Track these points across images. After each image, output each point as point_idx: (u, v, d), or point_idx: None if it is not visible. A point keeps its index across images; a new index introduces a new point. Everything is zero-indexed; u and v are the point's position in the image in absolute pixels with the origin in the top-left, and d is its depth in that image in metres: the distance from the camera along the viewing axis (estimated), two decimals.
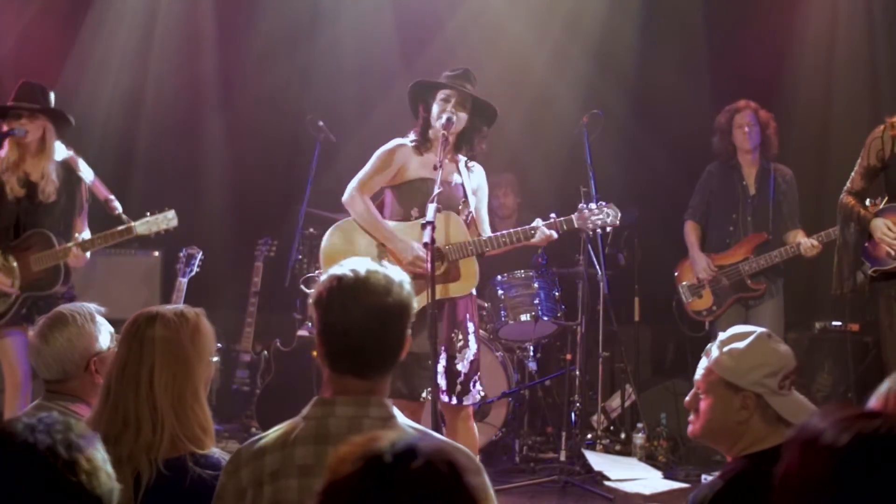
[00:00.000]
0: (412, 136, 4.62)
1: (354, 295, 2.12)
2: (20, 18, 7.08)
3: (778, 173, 5.88)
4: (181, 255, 5.93)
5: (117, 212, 5.12)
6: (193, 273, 5.81)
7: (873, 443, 1.40)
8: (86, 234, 5.07)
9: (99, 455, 1.58)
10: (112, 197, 5.17)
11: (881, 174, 4.87)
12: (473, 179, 4.65)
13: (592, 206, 4.60)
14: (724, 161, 6.00)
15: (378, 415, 2.14)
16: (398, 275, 2.20)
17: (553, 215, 4.54)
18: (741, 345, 2.49)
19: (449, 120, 4.43)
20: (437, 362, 4.06)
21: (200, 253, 5.85)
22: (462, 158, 4.62)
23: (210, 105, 7.59)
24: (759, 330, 2.53)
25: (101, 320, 2.97)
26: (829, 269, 5.88)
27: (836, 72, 6.90)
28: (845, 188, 4.97)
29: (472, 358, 4.45)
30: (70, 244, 4.95)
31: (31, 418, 1.62)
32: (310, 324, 6.45)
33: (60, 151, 5.11)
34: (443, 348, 4.36)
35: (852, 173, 4.93)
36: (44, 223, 5.02)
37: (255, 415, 6.07)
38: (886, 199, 4.85)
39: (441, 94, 4.53)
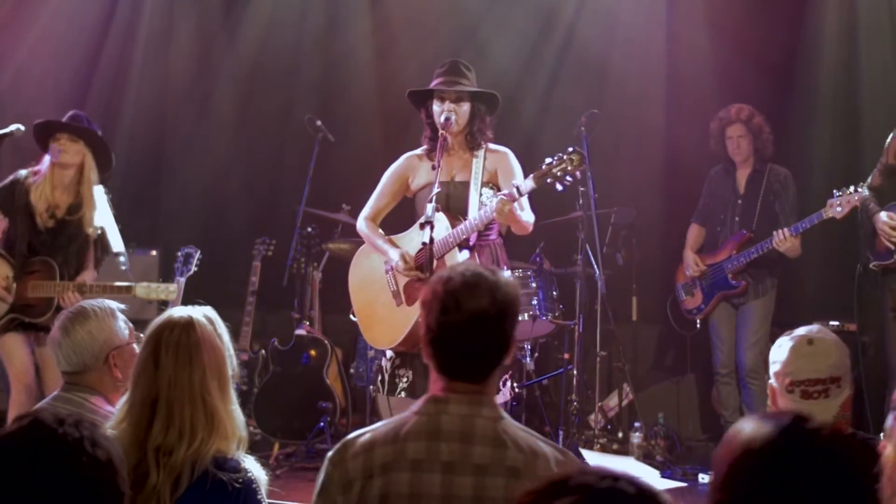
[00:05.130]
0: (423, 144, 4.63)
1: (459, 299, 2.11)
2: (21, 43, 7.09)
3: (771, 174, 5.92)
4: (179, 254, 5.92)
5: (123, 268, 5.20)
6: (191, 272, 5.81)
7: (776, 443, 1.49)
8: (88, 276, 5.12)
9: (119, 458, 1.63)
10: (123, 251, 5.21)
11: None
12: (490, 166, 4.53)
13: (555, 157, 4.15)
14: (723, 165, 6.07)
15: (490, 415, 2.15)
16: (503, 275, 2.19)
17: (515, 183, 4.24)
18: (783, 339, 2.64)
19: (447, 119, 4.40)
20: None
21: (198, 252, 5.84)
22: (480, 151, 4.53)
23: (209, 105, 7.60)
24: (811, 333, 2.61)
25: (121, 316, 3.04)
26: (822, 269, 5.92)
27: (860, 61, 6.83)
28: (866, 183, 5.03)
29: None
30: (69, 283, 4.98)
31: (61, 411, 1.67)
32: (307, 322, 6.45)
33: (98, 193, 5.15)
34: None
35: (874, 170, 5.00)
36: (57, 256, 5.07)
37: (252, 413, 6.07)
38: None
39: (436, 95, 4.50)
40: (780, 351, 2.62)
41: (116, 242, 5.20)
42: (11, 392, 4.99)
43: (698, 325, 6.09)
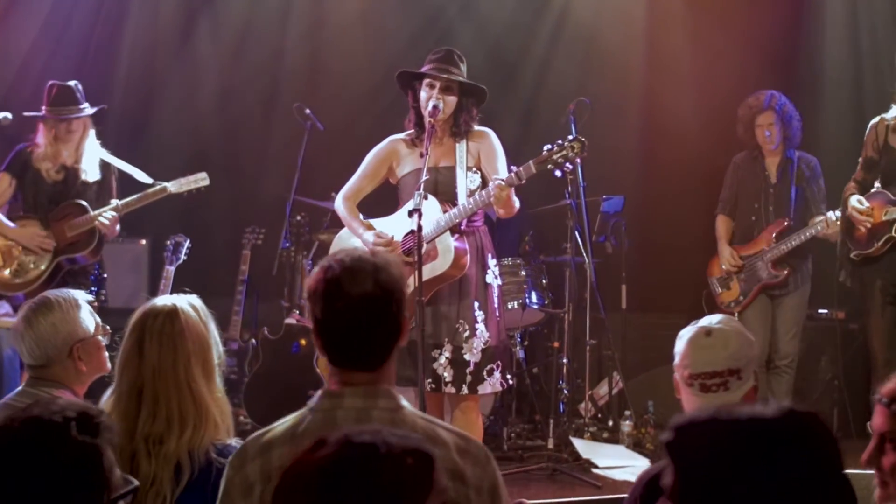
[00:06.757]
0: (407, 129, 4.61)
1: (339, 286, 2.07)
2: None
3: (801, 161, 5.85)
4: (168, 243, 5.91)
5: (148, 180, 5.38)
6: (181, 261, 5.80)
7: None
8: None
9: (110, 446, 1.63)
10: (137, 172, 5.43)
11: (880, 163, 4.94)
12: (473, 150, 4.53)
13: (555, 144, 4.22)
14: (749, 152, 5.95)
15: (387, 406, 2.10)
16: (386, 259, 2.15)
17: (513, 167, 4.30)
18: (685, 329, 2.56)
19: (435, 107, 4.39)
20: (421, 350, 4.05)
21: (188, 241, 5.83)
22: (462, 140, 4.54)
23: (198, 93, 7.57)
24: (711, 323, 2.53)
25: (86, 307, 2.98)
26: (819, 256, 5.92)
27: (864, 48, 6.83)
28: (852, 177, 5.05)
29: (482, 346, 4.39)
30: (105, 208, 5.21)
31: (50, 399, 1.67)
32: (297, 311, 6.44)
33: (94, 143, 5.40)
34: (446, 339, 4.35)
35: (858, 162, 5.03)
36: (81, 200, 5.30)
37: (242, 403, 6.06)
38: (879, 185, 4.93)
39: (426, 80, 4.49)
40: (680, 342, 2.52)
41: (130, 170, 5.41)
42: None
43: (736, 318, 5.93)
